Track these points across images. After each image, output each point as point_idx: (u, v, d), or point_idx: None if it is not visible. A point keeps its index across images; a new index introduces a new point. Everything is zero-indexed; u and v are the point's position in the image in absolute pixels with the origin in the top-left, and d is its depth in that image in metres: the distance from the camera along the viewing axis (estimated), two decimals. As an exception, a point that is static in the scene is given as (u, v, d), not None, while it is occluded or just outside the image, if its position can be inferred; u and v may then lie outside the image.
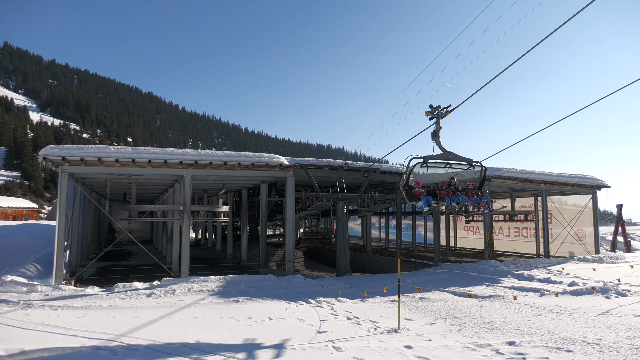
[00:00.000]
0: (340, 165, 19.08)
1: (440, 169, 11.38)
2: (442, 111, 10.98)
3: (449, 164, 11.26)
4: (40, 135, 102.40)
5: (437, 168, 11.33)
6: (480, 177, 11.58)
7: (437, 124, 11.07)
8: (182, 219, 14.58)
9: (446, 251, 24.61)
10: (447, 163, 11.21)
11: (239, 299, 10.04)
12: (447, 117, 11.12)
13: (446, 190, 10.74)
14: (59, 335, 6.76)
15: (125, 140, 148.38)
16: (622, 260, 18.17)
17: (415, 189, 10.51)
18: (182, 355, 5.81)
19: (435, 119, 11.10)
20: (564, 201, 23.98)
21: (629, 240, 24.73)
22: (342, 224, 18.59)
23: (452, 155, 11.10)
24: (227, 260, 22.13)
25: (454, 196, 10.69)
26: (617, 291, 10.22)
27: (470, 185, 11.25)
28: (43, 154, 12.65)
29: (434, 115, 11.15)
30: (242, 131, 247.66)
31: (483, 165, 11.45)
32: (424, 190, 10.51)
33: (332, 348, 6.19)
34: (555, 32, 7.61)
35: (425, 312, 8.88)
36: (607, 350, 5.92)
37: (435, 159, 10.99)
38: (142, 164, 13.73)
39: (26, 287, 10.96)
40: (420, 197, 10.38)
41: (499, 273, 14.17)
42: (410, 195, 10.67)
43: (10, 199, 60.58)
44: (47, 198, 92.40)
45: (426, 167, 11.02)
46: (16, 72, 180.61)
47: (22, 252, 17.77)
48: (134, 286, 11.51)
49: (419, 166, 10.82)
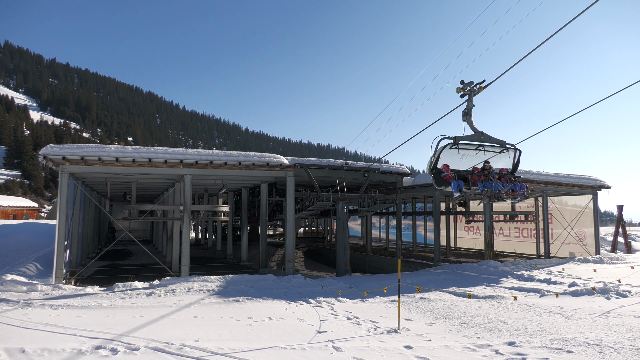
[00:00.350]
0: (341, 165, 19.09)
1: (471, 151, 10.32)
2: (474, 87, 9.96)
3: (480, 146, 10.25)
4: (41, 134, 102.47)
5: (467, 150, 10.26)
6: (514, 160, 10.58)
7: (469, 101, 10.06)
8: (183, 219, 14.58)
9: (446, 251, 24.60)
10: (478, 145, 10.20)
11: (239, 298, 10.04)
12: (442, 118, 10.69)
13: (478, 175, 9.85)
14: (59, 334, 6.76)
15: (126, 140, 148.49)
16: (622, 261, 18.16)
17: (444, 173, 9.69)
18: (182, 354, 5.81)
19: (467, 96, 10.09)
20: (565, 202, 23.97)
21: (629, 241, 24.71)
22: (342, 224, 18.58)
23: (484, 136, 10.14)
24: (227, 260, 22.13)
25: (486, 181, 9.84)
26: (618, 292, 10.22)
27: (504, 169, 10.40)
28: (43, 153, 12.66)
29: (465, 92, 10.13)
30: (242, 131, 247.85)
31: (518, 148, 10.43)
32: (454, 174, 9.65)
33: (332, 348, 6.19)
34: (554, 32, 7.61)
35: (425, 313, 8.87)
36: (607, 351, 5.92)
37: (467, 140, 9.97)
38: (142, 163, 13.73)
39: (26, 286, 10.97)
40: (451, 182, 9.59)
41: (499, 273, 14.17)
42: (439, 180, 9.87)
43: (10, 198, 60.65)
44: (47, 197, 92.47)
45: (456, 149, 10.02)
46: (17, 71, 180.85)
47: (23, 251, 17.79)
48: (134, 285, 11.50)
49: (448, 148, 9.82)
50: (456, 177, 9.65)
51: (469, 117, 10.13)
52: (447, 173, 9.68)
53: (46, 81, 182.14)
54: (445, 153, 9.91)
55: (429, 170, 9.98)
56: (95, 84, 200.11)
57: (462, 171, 9.90)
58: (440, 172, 9.79)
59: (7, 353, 5.72)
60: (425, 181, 20.74)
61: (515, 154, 10.57)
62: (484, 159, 10.41)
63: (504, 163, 10.73)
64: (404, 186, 21.87)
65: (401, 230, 22.22)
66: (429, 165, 10.01)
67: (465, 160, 10.46)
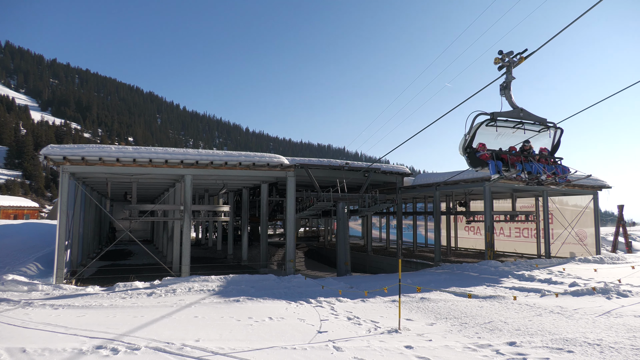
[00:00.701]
0: (341, 165, 19.09)
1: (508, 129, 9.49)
2: (514, 58, 9.15)
3: (520, 124, 9.39)
4: (42, 134, 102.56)
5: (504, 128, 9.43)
6: (554, 140, 9.75)
7: (508, 73, 9.25)
8: (183, 219, 14.59)
9: (447, 251, 24.59)
10: (517, 122, 9.36)
11: (240, 298, 10.04)
12: (443, 117, 10.14)
13: (517, 156, 9.09)
14: (59, 334, 6.77)
15: (126, 140, 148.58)
16: (623, 261, 18.15)
17: (480, 152, 8.93)
18: (182, 354, 5.81)
19: (506, 68, 9.28)
20: (565, 202, 23.97)
21: (630, 240, 24.69)
22: (342, 224, 18.59)
23: (524, 112, 9.26)
24: (227, 260, 22.13)
25: (526, 163, 9.08)
26: (618, 292, 10.21)
27: (545, 150, 9.60)
28: (44, 154, 12.67)
29: (504, 64, 9.30)
30: (243, 131, 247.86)
31: (559, 126, 9.60)
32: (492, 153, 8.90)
33: (332, 348, 6.19)
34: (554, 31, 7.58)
35: (426, 312, 8.87)
36: (608, 350, 5.92)
37: (505, 116, 9.15)
38: (143, 163, 13.74)
39: (27, 286, 10.98)
40: (488, 162, 8.85)
41: (500, 273, 14.16)
42: (474, 160, 9.07)
43: (11, 198, 60.72)
44: (48, 197, 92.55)
45: (493, 126, 9.17)
46: (17, 72, 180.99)
47: (23, 251, 17.79)
48: (135, 285, 11.51)
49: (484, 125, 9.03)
50: (494, 157, 8.89)
51: (508, 91, 9.22)
52: (483, 152, 8.87)
53: (47, 81, 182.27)
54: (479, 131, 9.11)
55: (463, 149, 9.17)
56: (95, 84, 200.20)
57: (500, 151, 9.07)
58: (476, 152, 9.00)
59: (8, 353, 5.72)
60: (426, 181, 20.74)
61: (556, 134, 9.69)
62: (521, 138, 9.60)
63: (543, 143, 9.86)
64: (405, 186, 21.87)
65: (402, 230, 22.22)
66: (462, 144, 9.19)
67: (501, 140, 9.63)
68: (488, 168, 9.05)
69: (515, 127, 9.46)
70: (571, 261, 17.58)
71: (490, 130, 9.27)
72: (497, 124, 9.13)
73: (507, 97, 9.26)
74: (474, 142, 9.12)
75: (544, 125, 9.51)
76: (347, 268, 18.08)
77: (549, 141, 9.81)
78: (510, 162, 9.00)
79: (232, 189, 23.08)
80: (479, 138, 9.24)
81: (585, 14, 6.53)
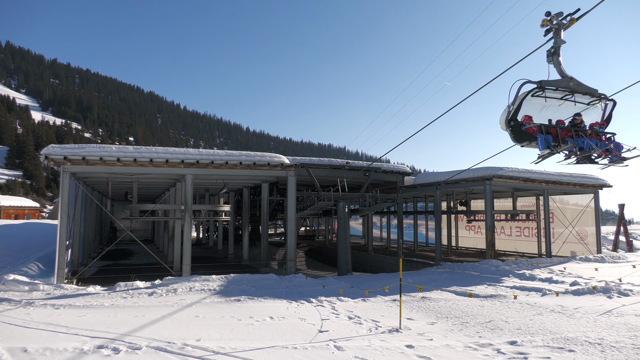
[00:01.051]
0: (342, 164, 19.09)
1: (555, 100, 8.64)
2: (563, 20, 8.20)
3: (569, 94, 8.52)
4: (42, 134, 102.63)
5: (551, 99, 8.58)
6: (605, 114, 8.92)
7: (557, 37, 8.33)
8: (184, 218, 14.59)
9: (447, 251, 24.59)
10: (567, 93, 8.49)
11: (241, 298, 10.05)
12: (443, 117, 9.59)
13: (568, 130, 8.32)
14: (61, 334, 6.78)
15: (127, 140, 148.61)
16: (624, 260, 18.13)
17: (526, 126, 8.19)
18: (183, 354, 5.81)
19: (554, 31, 8.34)
20: (566, 201, 23.94)
21: (631, 239, 24.64)
22: (343, 223, 18.59)
23: (573, 82, 8.36)
24: (228, 259, 22.14)
25: (577, 138, 8.33)
26: (619, 291, 10.20)
27: (597, 124, 8.76)
28: (45, 154, 12.68)
29: (552, 27, 8.31)
30: (243, 130, 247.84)
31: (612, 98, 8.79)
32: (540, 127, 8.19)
33: (333, 347, 6.19)
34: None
35: (427, 312, 8.87)
36: (609, 350, 5.91)
37: (553, 85, 8.28)
38: (143, 163, 13.74)
39: (28, 285, 11.00)
40: (536, 136, 8.12)
41: (501, 273, 14.16)
42: (519, 134, 8.22)
43: (12, 198, 60.80)
44: (48, 197, 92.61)
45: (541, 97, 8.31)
46: (18, 72, 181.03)
47: (24, 251, 17.82)
48: (136, 285, 11.52)
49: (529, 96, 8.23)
50: (543, 130, 8.10)
51: (557, 57, 8.24)
52: (530, 126, 8.09)
53: (47, 81, 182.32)
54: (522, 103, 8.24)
55: (506, 122, 8.31)
56: (96, 84, 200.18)
57: (550, 124, 8.26)
58: (521, 125, 8.17)
59: (10, 352, 5.73)
60: (426, 180, 20.73)
61: (607, 106, 8.83)
62: (570, 111, 8.74)
63: (592, 117, 9.03)
64: (405, 185, 21.86)
65: (402, 230, 22.21)
66: (505, 117, 8.31)
67: (545, 113, 8.77)
68: (535, 143, 8.25)
69: (563, 99, 8.59)
70: (572, 260, 17.57)
71: (534, 102, 8.45)
72: (545, 95, 8.25)
73: (556, 64, 8.33)
74: (519, 115, 8.24)
75: (594, 96, 8.64)
76: (348, 267, 18.09)
77: (599, 115, 8.96)
78: (560, 137, 8.19)
79: (232, 188, 23.08)
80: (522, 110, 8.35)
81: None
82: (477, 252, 24.60)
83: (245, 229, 21.20)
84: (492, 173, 17.42)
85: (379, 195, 19.45)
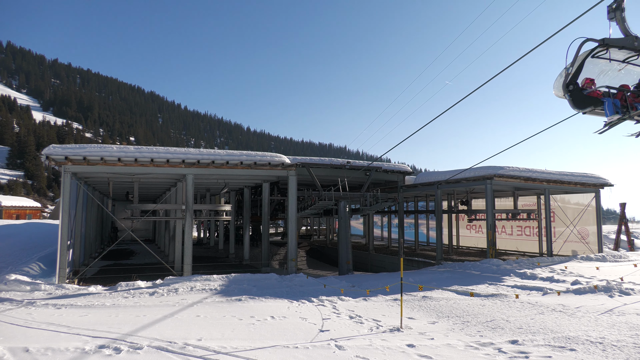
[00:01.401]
0: (343, 164, 19.09)
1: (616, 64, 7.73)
2: None
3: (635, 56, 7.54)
4: (43, 134, 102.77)
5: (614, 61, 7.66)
6: None
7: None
8: (185, 218, 14.61)
9: (449, 250, 24.59)
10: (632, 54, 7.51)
11: (242, 297, 10.06)
12: (444, 116, 9.09)
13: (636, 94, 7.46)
14: (62, 333, 6.79)
15: (128, 140, 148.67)
16: (625, 259, 18.12)
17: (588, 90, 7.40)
18: (185, 353, 5.82)
19: None
20: (567, 200, 23.92)
21: (632, 239, 24.61)
22: (344, 222, 18.59)
23: (638, 41, 7.33)
24: (229, 259, 22.17)
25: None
26: (621, 290, 10.19)
27: None
28: (46, 154, 12.69)
29: None
30: (244, 130, 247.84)
31: None
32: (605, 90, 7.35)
33: (334, 347, 6.19)
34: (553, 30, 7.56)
35: (428, 311, 8.87)
36: (610, 349, 5.91)
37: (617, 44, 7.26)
38: (144, 163, 13.76)
39: (29, 285, 11.02)
40: (604, 100, 7.30)
41: (502, 272, 14.15)
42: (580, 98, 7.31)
43: (13, 198, 60.86)
44: (50, 197, 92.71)
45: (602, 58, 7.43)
46: (19, 72, 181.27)
47: (25, 251, 17.84)
48: (137, 285, 11.54)
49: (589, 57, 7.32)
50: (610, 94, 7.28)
51: (620, 12, 7.26)
52: (593, 89, 7.31)
53: (48, 81, 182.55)
54: None
55: (564, 86, 7.38)
56: (97, 84, 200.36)
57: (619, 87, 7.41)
58: (582, 89, 7.36)
59: (11, 352, 5.74)
60: (427, 180, 20.72)
61: None
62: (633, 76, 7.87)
63: None
64: (406, 185, 21.86)
65: (403, 229, 22.22)
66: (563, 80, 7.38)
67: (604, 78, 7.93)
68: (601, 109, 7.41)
69: (626, 61, 7.67)
70: (573, 259, 17.56)
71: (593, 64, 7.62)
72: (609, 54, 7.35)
73: (619, 21, 7.29)
74: (579, 78, 7.29)
75: None
76: (349, 267, 18.09)
77: None
78: (630, 101, 7.31)
79: (233, 188, 23.10)
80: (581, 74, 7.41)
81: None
82: (478, 252, 24.58)
83: (246, 228, 21.22)
84: (493, 172, 17.41)
85: (380, 194, 19.45)
